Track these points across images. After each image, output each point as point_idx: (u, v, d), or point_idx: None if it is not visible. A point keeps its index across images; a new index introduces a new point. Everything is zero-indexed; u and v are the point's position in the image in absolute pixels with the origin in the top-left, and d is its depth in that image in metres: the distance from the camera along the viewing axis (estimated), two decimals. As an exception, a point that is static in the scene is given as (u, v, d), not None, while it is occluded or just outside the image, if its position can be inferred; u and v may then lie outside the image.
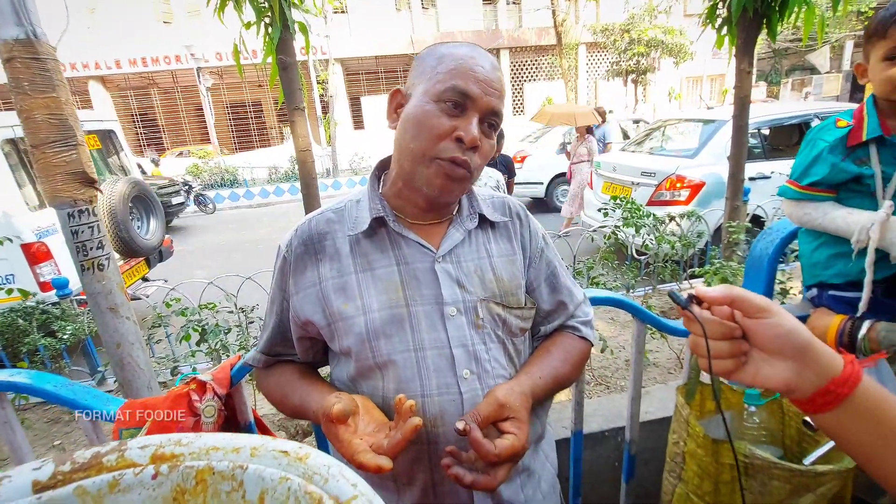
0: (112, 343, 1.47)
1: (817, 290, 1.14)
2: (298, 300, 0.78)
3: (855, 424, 0.46)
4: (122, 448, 0.48)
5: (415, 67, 0.77)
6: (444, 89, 0.70)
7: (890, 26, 0.91)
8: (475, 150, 0.72)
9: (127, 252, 4.17)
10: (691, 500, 1.13)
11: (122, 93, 19.19)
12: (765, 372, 0.49)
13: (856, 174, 1.00)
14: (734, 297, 0.50)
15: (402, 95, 0.77)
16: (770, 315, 0.48)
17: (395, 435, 0.62)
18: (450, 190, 0.74)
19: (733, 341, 0.50)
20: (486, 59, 0.74)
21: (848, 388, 0.45)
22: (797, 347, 0.47)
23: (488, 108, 0.72)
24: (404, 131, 0.74)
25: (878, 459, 0.45)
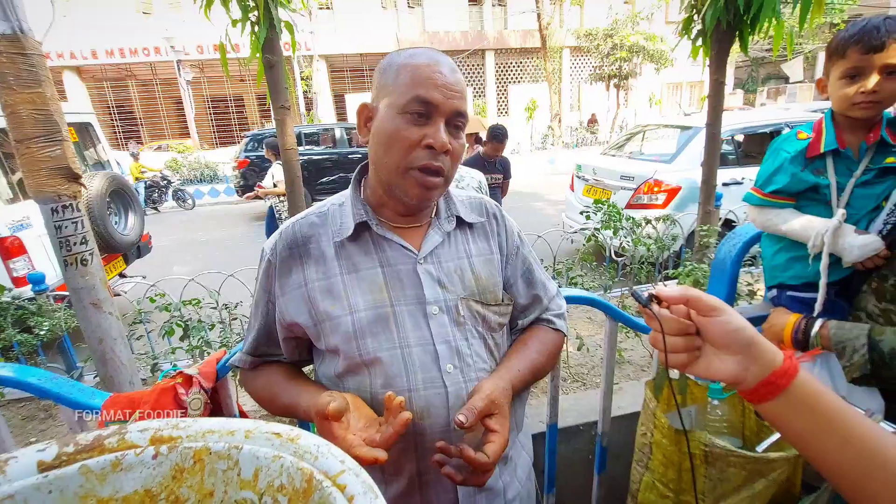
0: (94, 338, 1.47)
1: (777, 291, 1.22)
2: (284, 302, 0.81)
3: (793, 413, 0.50)
4: (122, 431, 0.51)
5: (377, 80, 0.79)
6: (407, 101, 0.72)
7: (849, 47, 0.98)
8: (447, 153, 0.75)
9: (104, 248, 4.10)
10: (656, 488, 1.20)
11: (98, 84, 18.69)
12: (715, 365, 0.54)
13: (813, 184, 1.08)
14: (689, 297, 0.55)
15: (369, 109, 0.79)
16: (721, 314, 0.53)
17: (387, 429, 0.66)
18: (428, 197, 0.78)
19: (688, 337, 0.55)
20: (444, 64, 0.75)
21: (786, 379, 0.50)
22: (744, 343, 0.52)
23: (452, 111, 0.74)
24: (377, 145, 0.76)
25: (813, 445, 0.50)
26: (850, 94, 0.99)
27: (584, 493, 1.69)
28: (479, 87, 21.06)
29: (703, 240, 3.06)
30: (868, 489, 0.47)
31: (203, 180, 13.15)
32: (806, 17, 2.52)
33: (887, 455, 0.46)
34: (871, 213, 1.02)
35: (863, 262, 0.98)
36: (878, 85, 0.95)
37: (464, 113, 0.76)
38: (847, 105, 1.00)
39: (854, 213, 1.03)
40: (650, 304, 0.57)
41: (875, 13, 1.11)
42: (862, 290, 1.01)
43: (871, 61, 0.95)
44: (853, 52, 0.96)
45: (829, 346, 0.95)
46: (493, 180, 4.19)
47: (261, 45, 2.46)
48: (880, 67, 0.95)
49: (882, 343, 0.86)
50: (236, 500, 0.49)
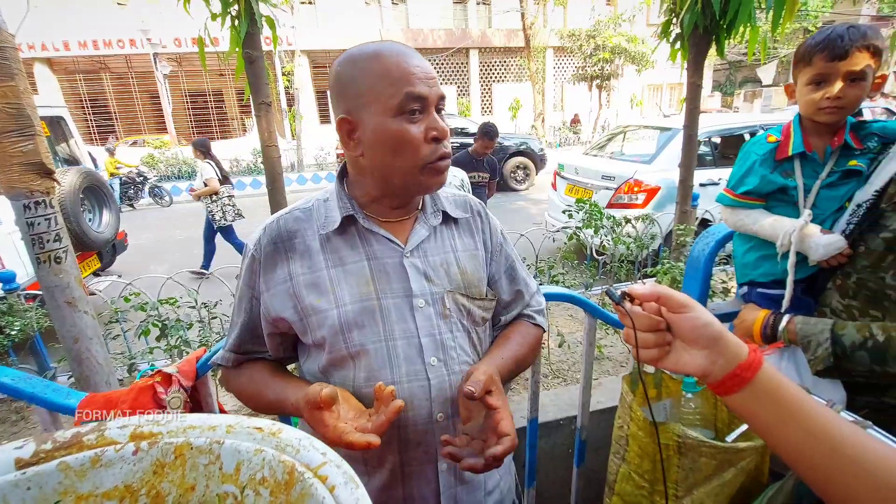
0: (69, 338, 1.44)
1: (747, 288, 1.26)
2: (269, 297, 0.81)
3: (757, 404, 0.52)
4: (101, 428, 0.51)
5: (345, 89, 0.76)
6: (399, 102, 0.72)
7: (815, 54, 1.02)
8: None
9: (78, 245, 3.99)
10: (632, 478, 1.23)
11: (70, 77, 18.10)
12: (684, 359, 0.56)
13: (782, 185, 1.12)
14: (660, 294, 0.57)
15: (349, 122, 0.76)
16: (690, 310, 0.55)
17: (378, 417, 0.67)
18: (441, 182, 0.80)
19: (659, 333, 0.57)
20: (412, 55, 0.75)
21: (751, 372, 0.52)
22: (711, 337, 0.54)
23: (438, 97, 0.76)
24: (382, 154, 0.75)
25: (775, 434, 0.53)
26: (816, 100, 1.03)
27: (563, 486, 1.72)
28: (463, 86, 21.07)
29: (680, 239, 3.13)
30: (826, 473, 0.49)
31: (181, 177, 12.87)
32: (779, 22, 2.60)
33: (844, 441, 0.49)
34: (835, 214, 1.07)
35: (827, 261, 1.02)
36: (842, 91, 1.00)
37: (444, 96, 0.78)
38: (813, 110, 1.05)
39: (819, 213, 1.07)
40: (623, 302, 0.59)
41: (846, 19, 1.16)
42: (827, 287, 1.06)
43: (836, 68, 0.99)
44: (819, 60, 1.01)
45: (795, 340, 0.99)
46: (480, 178, 4.19)
47: (241, 39, 2.43)
48: (844, 74, 0.99)
49: (844, 337, 0.90)
50: (218, 494, 0.49)
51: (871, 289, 0.94)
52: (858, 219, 0.97)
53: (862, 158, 1.04)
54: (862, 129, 1.06)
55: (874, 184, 0.97)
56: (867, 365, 0.87)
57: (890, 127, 1.04)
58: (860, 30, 0.97)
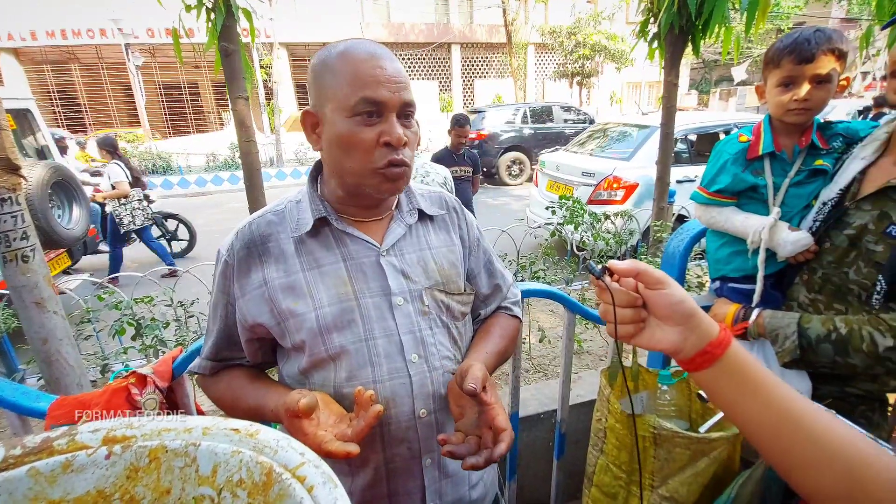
0: (38, 339, 1.40)
1: (720, 283, 1.30)
2: (245, 303, 0.80)
3: (726, 381, 0.54)
4: (72, 433, 0.50)
5: (314, 83, 0.76)
6: (354, 103, 0.71)
7: (783, 57, 1.05)
8: (404, 144, 0.75)
9: (46, 243, 3.86)
10: (610, 470, 1.26)
11: (37, 68, 17.41)
12: (657, 335, 0.57)
13: (752, 184, 1.15)
14: (638, 269, 0.57)
15: (313, 116, 0.77)
16: (665, 286, 0.56)
17: (358, 422, 0.67)
18: (397, 189, 0.79)
19: (635, 309, 0.58)
20: (383, 57, 0.74)
21: (721, 349, 0.54)
22: (685, 314, 0.55)
23: (401, 103, 0.74)
24: (335, 153, 0.76)
25: (739, 410, 0.54)
26: (784, 102, 1.06)
27: (544, 479, 1.75)
28: (445, 81, 21.01)
29: (657, 234, 3.19)
30: (782, 445, 0.52)
31: (156, 171, 12.55)
32: (752, 23, 2.67)
33: (801, 414, 0.51)
34: (802, 211, 1.11)
35: (795, 257, 1.06)
36: (809, 93, 1.03)
37: (411, 103, 0.76)
38: (782, 111, 1.08)
39: (788, 210, 1.11)
40: (603, 276, 0.59)
41: (816, 20, 1.19)
42: (794, 281, 1.10)
43: (803, 71, 1.02)
44: (787, 63, 1.04)
45: (764, 333, 1.03)
46: (463, 173, 4.15)
47: (217, 32, 2.37)
48: (811, 77, 1.02)
49: (809, 330, 0.94)
50: (194, 497, 0.49)
51: (836, 283, 0.98)
52: (824, 216, 1.01)
53: (828, 158, 1.08)
54: (828, 129, 1.10)
55: (839, 182, 1.01)
56: (831, 356, 0.91)
57: (853, 127, 1.08)
58: (826, 34, 1.01)
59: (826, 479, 0.49)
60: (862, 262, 0.92)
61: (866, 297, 0.91)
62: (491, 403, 0.73)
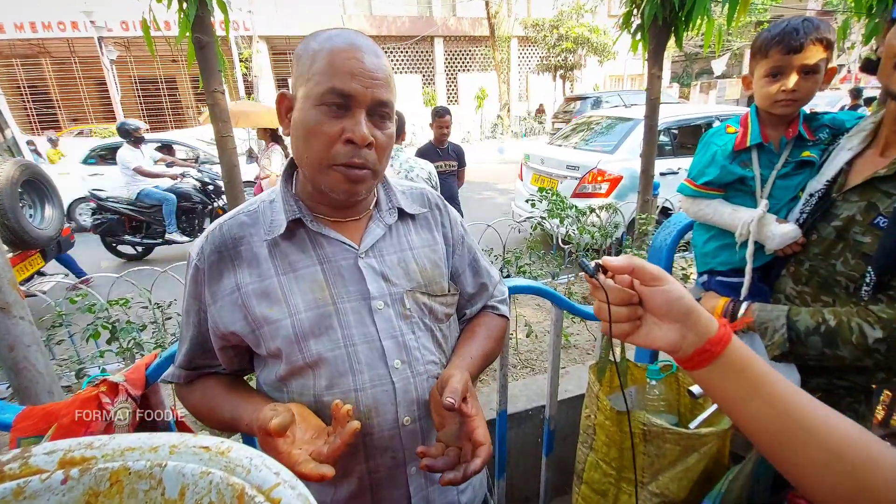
0: (4, 346, 1.33)
1: (707, 276, 1.29)
2: (217, 310, 0.76)
3: (725, 378, 0.53)
4: (25, 455, 0.46)
5: (294, 65, 0.73)
6: (322, 91, 0.67)
7: (771, 48, 1.04)
8: (370, 146, 0.71)
9: (17, 243, 3.72)
10: (600, 467, 1.25)
11: (6, 62, 16.79)
12: (654, 333, 0.55)
13: (740, 175, 1.14)
14: (634, 266, 0.55)
15: (287, 99, 0.74)
16: (662, 283, 0.54)
17: (334, 440, 0.63)
18: (355, 192, 0.74)
19: (631, 306, 0.56)
20: (363, 49, 0.70)
21: (721, 346, 0.52)
22: (683, 311, 0.53)
23: (374, 101, 0.69)
24: (297, 140, 0.72)
25: (739, 407, 0.53)
26: (772, 92, 1.05)
27: (533, 475, 1.74)
28: (428, 75, 20.86)
29: (642, 227, 3.21)
30: (780, 441, 0.50)
31: (133, 168, 12.21)
32: (733, 15, 2.67)
33: (800, 411, 0.50)
34: (789, 203, 1.10)
35: (783, 249, 1.05)
36: (797, 84, 1.02)
37: (387, 102, 0.72)
38: (770, 102, 1.07)
39: (775, 203, 1.10)
40: (597, 274, 0.57)
41: (794, 12, 1.18)
42: (781, 274, 1.09)
43: (791, 61, 1.01)
44: (775, 53, 1.02)
45: (753, 326, 1.02)
46: (448, 167, 4.11)
47: (190, 23, 2.29)
48: (799, 67, 1.01)
49: (798, 323, 0.93)
50: (160, 523, 0.45)
51: (823, 275, 0.97)
52: (811, 208, 1.00)
53: (814, 149, 1.07)
54: (814, 120, 1.10)
55: (825, 174, 1.00)
56: (820, 349, 0.90)
57: (839, 118, 1.07)
58: (814, 23, 0.99)
59: (830, 478, 0.47)
60: (849, 254, 0.92)
61: (854, 289, 0.91)
62: (471, 415, 0.71)
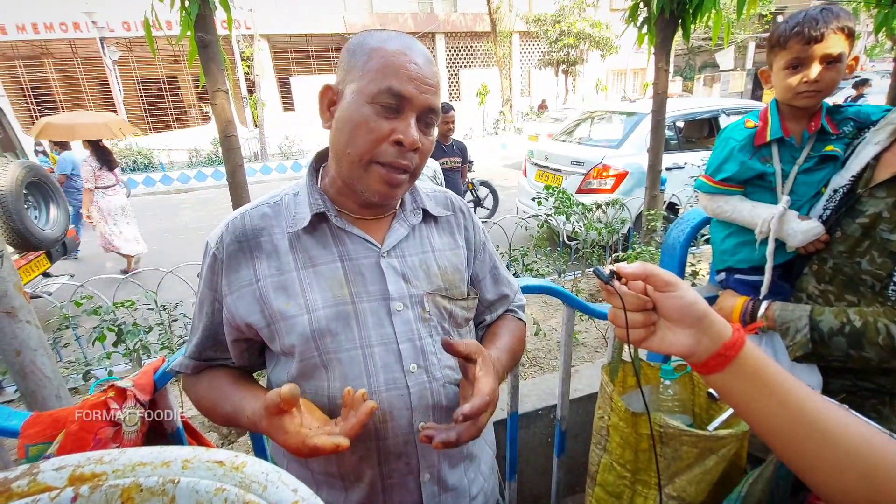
0: (10, 351, 1.32)
1: (725, 274, 1.26)
2: (233, 300, 0.74)
3: (740, 382, 0.53)
4: (33, 472, 0.44)
5: (344, 61, 0.72)
6: (378, 90, 0.67)
7: (790, 38, 1.01)
8: (416, 150, 0.71)
9: (23, 245, 3.73)
10: (614, 469, 1.23)
11: (9, 63, 16.83)
12: (669, 339, 0.55)
13: (760, 171, 1.11)
14: (648, 272, 0.56)
15: (333, 92, 0.73)
16: (675, 288, 0.55)
17: (349, 420, 0.61)
18: (392, 195, 0.73)
19: (645, 312, 0.56)
20: (419, 53, 0.71)
21: (735, 350, 0.52)
22: (696, 317, 0.53)
23: (425, 106, 0.70)
24: (340, 134, 0.71)
25: (755, 410, 0.53)
26: (793, 85, 1.02)
27: (544, 475, 1.72)
28: (429, 72, 20.77)
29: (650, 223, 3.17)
30: (797, 445, 0.50)
31: (136, 168, 12.26)
32: (743, 7, 2.63)
33: (816, 414, 0.49)
34: (812, 200, 1.07)
35: (805, 247, 1.02)
36: (820, 75, 0.99)
37: (437, 109, 0.72)
38: (791, 95, 1.04)
39: (797, 199, 1.07)
40: (612, 281, 0.57)
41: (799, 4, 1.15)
42: (803, 272, 1.06)
43: (812, 52, 0.98)
44: (794, 44, 0.99)
45: (773, 326, 0.99)
46: (452, 164, 4.10)
47: (192, 22, 2.27)
48: (821, 57, 0.98)
49: (821, 323, 0.91)
50: (174, 543, 0.44)
51: (847, 274, 0.94)
52: (835, 204, 0.97)
53: (838, 143, 1.04)
54: (837, 113, 1.06)
55: (850, 169, 0.97)
56: (844, 350, 0.88)
57: (864, 111, 1.04)
58: (834, 12, 0.96)
59: (846, 480, 0.47)
60: (876, 252, 0.89)
61: (880, 288, 0.88)
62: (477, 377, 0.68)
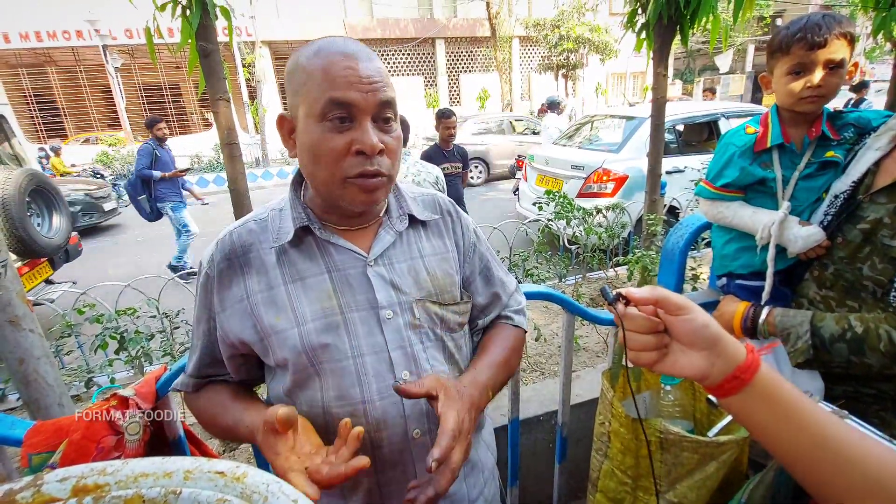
0: (14, 359, 1.33)
1: (726, 280, 1.26)
2: (226, 318, 0.75)
3: (756, 405, 0.52)
4: (37, 483, 0.45)
5: (288, 87, 0.71)
6: (322, 106, 0.65)
7: (793, 44, 1.01)
8: (381, 152, 0.69)
9: (26, 252, 3.74)
10: (616, 475, 1.23)
11: (12, 71, 16.94)
12: (682, 362, 0.55)
13: (761, 177, 1.11)
14: (657, 297, 0.55)
15: (287, 122, 0.72)
16: (688, 312, 0.54)
17: (337, 466, 0.60)
18: (374, 200, 0.72)
19: (657, 335, 0.56)
20: (355, 54, 0.67)
21: (750, 373, 0.52)
22: (709, 339, 0.53)
23: (377, 105, 0.67)
24: (305, 160, 0.70)
25: (771, 434, 0.52)
26: (796, 90, 1.02)
27: (545, 482, 1.71)
28: (430, 76, 20.86)
29: (651, 228, 3.17)
30: (816, 469, 0.49)
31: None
32: (740, 11, 2.64)
33: (837, 438, 0.49)
34: (812, 205, 1.07)
35: (806, 253, 1.02)
36: (823, 80, 0.99)
37: (389, 102, 0.69)
38: (794, 100, 1.04)
39: (798, 205, 1.07)
40: (615, 303, 0.57)
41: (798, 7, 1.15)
42: (804, 278, 1.06)
43: (815, 57, 0.98)
44: (797, 49, 0.99)
45: (775, 332, 0.99)
46: (454, 169, 4.12)
47: (193, 31, 2.28)
48: (823, 63, 0.98)
49: (823, 329, 0.91)
50: (175, 554, 0.44)
51: (848, 280, 0.94)
52: (836, 210, 0.98)
53: (839, 149, 1.04)
54: (838, 119, 1.07)
55: (851, 174, 0.97)
56: (846, 356, 0.88)
57: (865, 117, 1.04)
58: (836, 18, 0.97)
59: None
60: (877, 258, 0.89)
61: (881, 294, 0.88)
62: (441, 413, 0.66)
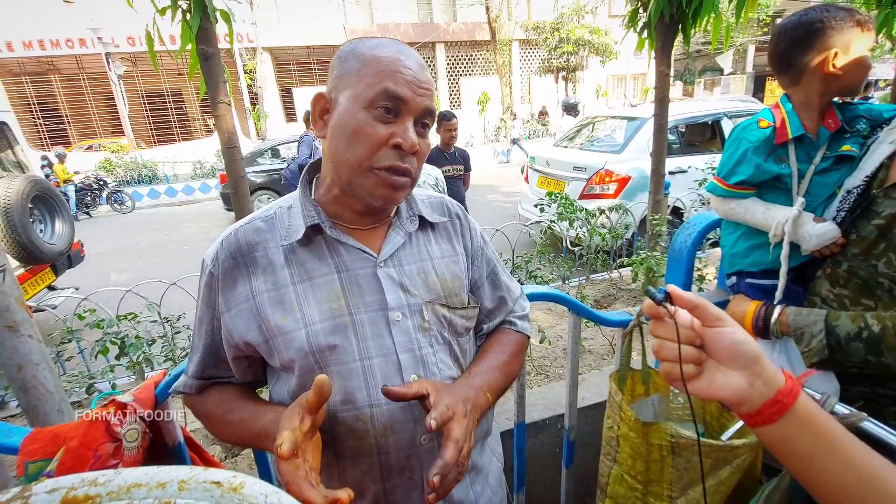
0: (12, 366, 1.31)
1: (736, 278, 1.23)
2: (230, 318, 0.73)
3: (797, 433, 0.48)
4: (25, 495, 0.43)
5: (336, 69, 0.72)
6: (374, 94, 0.67)
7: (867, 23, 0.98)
8: (414, 154, 0.70)
9: (28, 258, 3.74)
10: (625, 480, 1.20)
11: (16, 79, 17.06)
12: (719, 380, 0.50)
13: (776, 174, 1.08)
14: (698, 304, 0.51)
15: (325, 101, 0.73)
16: (726, 324, 0.50)
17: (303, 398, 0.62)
18: (394, 198, 0.72)
19: (694, 349, 0.51)
20: (413, 58, 0.71)
21: (792, 398, 0.48)
22: (749, 357, 0.49)
23: (422, 109, 0.70)
24: (337, 141, 0.70)
25: (815, 467, 0.48)
26: (868, 67, 1.00)
27: (552, 487, 1.69)
28: (430, 81, 20.91)
29: (655, 228, 3.15)
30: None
31: (141, 181, 12.36)
32: (741, 11, 2.63)
33: (883, 473, 0.45)
34: (826, 201, 1.04)
35: (820, 250, 1.00)
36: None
37: (433, 112, 0.72)
38: (865, 76, 1.01)
39: (812, 200, 1.05)
40: (665, 302, 0.51)
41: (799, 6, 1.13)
42: (817, 275, 1.04)
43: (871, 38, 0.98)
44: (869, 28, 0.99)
45: (787, 332, 0.97)
46: (455, 171, 4.12)
47: (194, 35, 2.28)
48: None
49: (838, 328, 0.88)
50: (169, 569, 0.42)
51: (863, 277, 0.92)
52: (850, 205, 0.95)
53: (853, 143, 1.01)
54: (847, 110, 1.04)
55: (864, 169, 0.95)
56: (862, 356, 0.85)
57: (875, 108, 1.02)
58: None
59: None
60: (892, 254, 0.86)
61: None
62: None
